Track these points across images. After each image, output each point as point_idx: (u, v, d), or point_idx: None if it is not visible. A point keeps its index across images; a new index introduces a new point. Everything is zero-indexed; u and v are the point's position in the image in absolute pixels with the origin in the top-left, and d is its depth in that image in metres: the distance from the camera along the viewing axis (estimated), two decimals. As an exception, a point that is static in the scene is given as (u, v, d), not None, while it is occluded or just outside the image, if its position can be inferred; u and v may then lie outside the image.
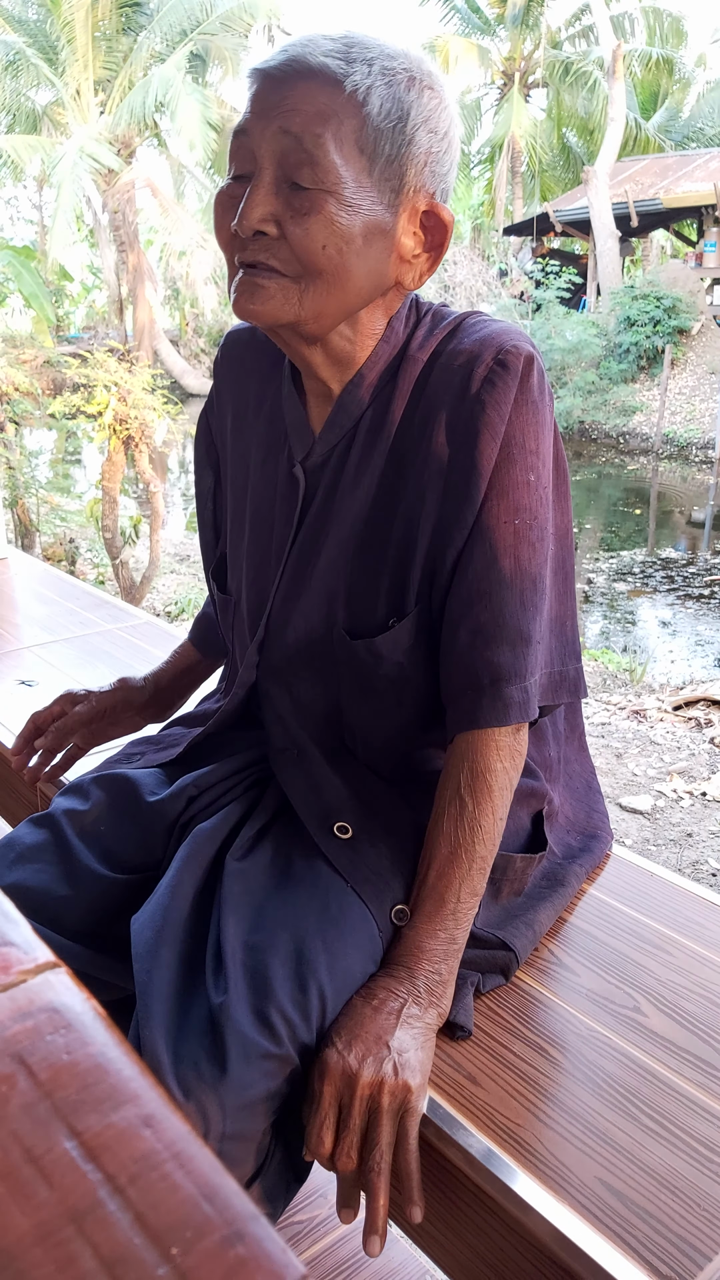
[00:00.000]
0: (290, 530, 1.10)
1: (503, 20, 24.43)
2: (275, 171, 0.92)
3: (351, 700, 1.10)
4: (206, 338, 22.92)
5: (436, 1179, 0.95)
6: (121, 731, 1.40)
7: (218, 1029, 0.88)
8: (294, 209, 0.92)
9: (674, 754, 4.11)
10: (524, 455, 0.99)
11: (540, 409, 1.00)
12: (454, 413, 0.99)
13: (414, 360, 1.04)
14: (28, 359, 16.15)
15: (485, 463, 0.98)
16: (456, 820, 1.02)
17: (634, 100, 23.38)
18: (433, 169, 0.97)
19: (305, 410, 1.10)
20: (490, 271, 20.40)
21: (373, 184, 0.93)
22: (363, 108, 0.91)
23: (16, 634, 2.22)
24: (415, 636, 1.05)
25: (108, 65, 17.52)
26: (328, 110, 0.90)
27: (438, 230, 0.99)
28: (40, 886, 1.09)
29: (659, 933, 1.20)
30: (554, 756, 1.25)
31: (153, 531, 6.18)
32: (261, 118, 0.92)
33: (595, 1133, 0.92)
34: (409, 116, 0.93)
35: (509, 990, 1.10)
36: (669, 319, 15.77)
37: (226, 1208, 0.32)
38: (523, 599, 1.01)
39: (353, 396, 1.05)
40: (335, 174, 0.91)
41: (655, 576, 8.73)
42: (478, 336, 1.01)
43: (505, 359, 0.98)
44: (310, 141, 0.90)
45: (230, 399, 1.20)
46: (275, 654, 1.13)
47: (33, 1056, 0.38)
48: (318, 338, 1.00)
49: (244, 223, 0.92)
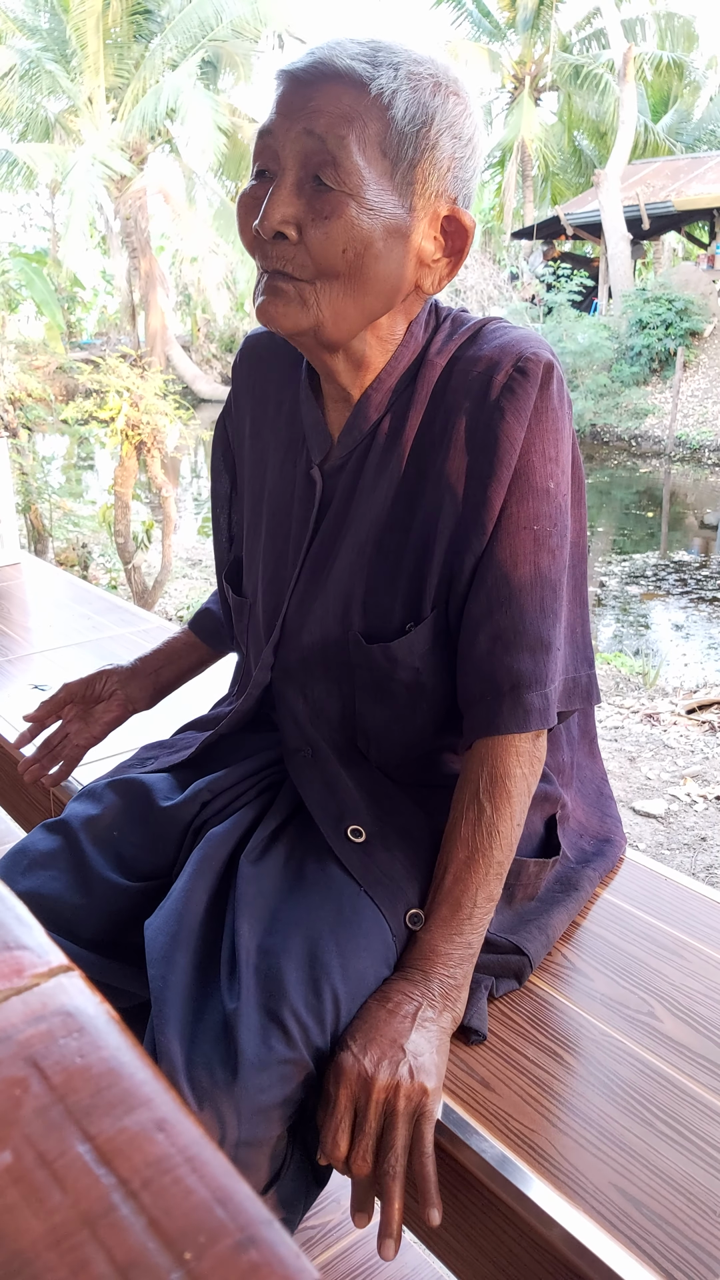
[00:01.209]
0: (307, 533, 1.10)
1: (513, 24, 24.44)
2: (298, 172, 0.93)
3: (366, 704, 1.10)
4: (218, 343, 22.98)
5: (450, 1184, 0.95)
6: (113, 711, 1.39)
7: (232, 1033, 0.88)
8: (315, 211, 0.92)
9: (688, 758, 4.09)
10: (543, 463, 0.99)
11: (559, 416, 1.00)
12: (473, 419, 0.99)
13: (433, 365, 1.04)
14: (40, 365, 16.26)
15: (504, 469, 0.98)
16: (475, 825, 1.02)
17: (645, 103, 23.34)
18: (455, 174, 0.97)
19: (323, 413, 1.10)
20: (501, 275, 20.40)
21: (394, 187, 0.93)
22: (387, 111, 0.91)
23: (29, 638, 2.23)
24: (432, 641, 1.05)
25: (120, 72, 17.60)
26: (352, 112, 0.90)
27: (458, 235, 0.99)
28: (54, 894, 1.09)
29: (673, 937, 1.19)
30: (567, 761, 1.25)
31: (165, 536, 6.19)
32: (286, 118, 0.92)
33: (610, 1138, 0.92)
34: (433, 121, 0.94)
35: (522, 995, 1.10)
36: (681, 321, 15.74)
37: (240, 1213, 0.32)
38: (542, 605, 1.01)
39: (372, 401, 1.05)
40: (357, 176, 0.91)
41: (668, 580, 8.70)
42: (498, 343, 1.01)
43: (525, 366, 0.98)
44: (334, 143, 0.90)
45: (249, 402, 1.21)
46: (290, 656, 1.13)
47: (46, 1060, 0.38)
48: (339, 343, 1.01)
49: (265, 223, 0.93)
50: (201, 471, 14.51)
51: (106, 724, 1.39)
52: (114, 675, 1.39)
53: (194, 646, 1.44)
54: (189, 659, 1.44)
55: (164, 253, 22.59)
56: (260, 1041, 0.88)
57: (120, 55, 17.51)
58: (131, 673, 1.40)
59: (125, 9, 17.06)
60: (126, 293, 20.36)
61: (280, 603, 1.13)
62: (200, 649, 1.44)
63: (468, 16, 24.92)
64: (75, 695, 1.38)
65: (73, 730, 1.37)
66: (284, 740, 1.19)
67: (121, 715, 1.39)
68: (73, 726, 1.38)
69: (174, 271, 21.37)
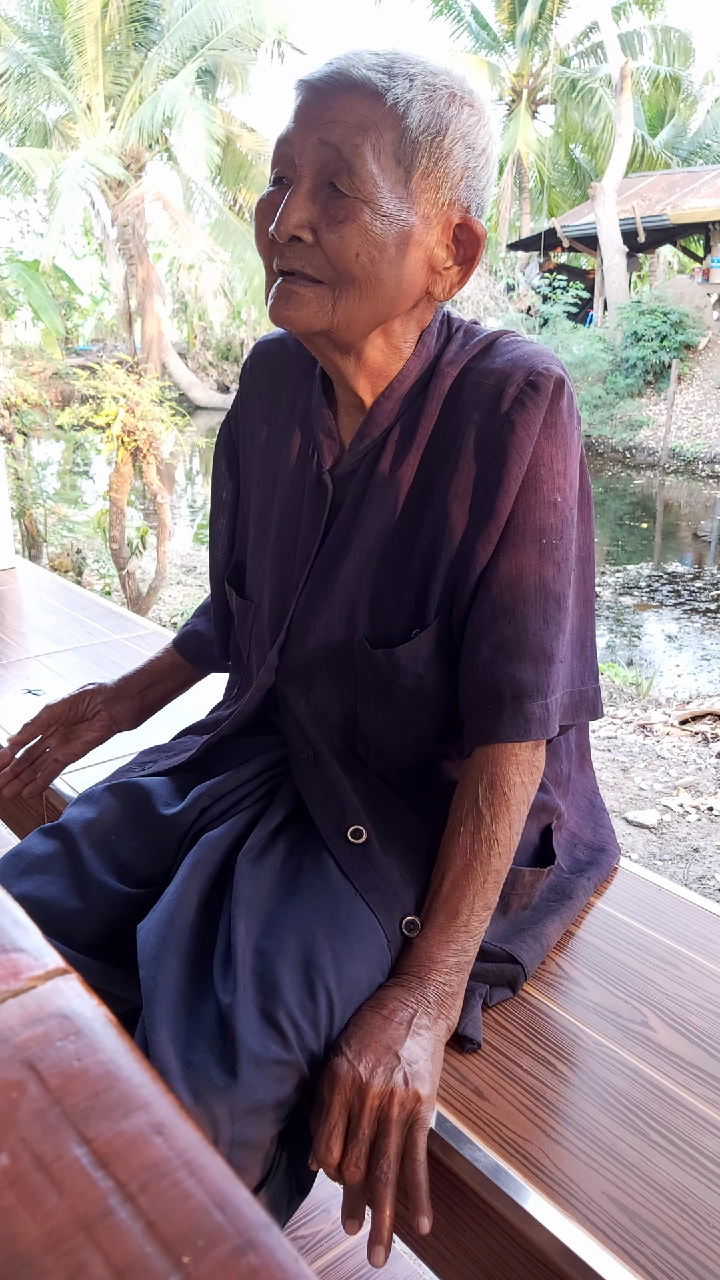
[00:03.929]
0: (317, 537, 1.11)
1: (512, 37, 24.58)
2: (314, 179, 0.95)
3: (368, 709, 1.10)
4: (214, 351, 23.01)
5: (443, 1193, 0.94)
6: (95, 731, 1.39)
7: (227, 1033, 0.88)
8: (330, 216, 0.94)
9: (680, 768, 4.10)
10: (551, 476, 1.00)
11: (568, 432, 1.01)
12: (483, 431, 1.01)
13: (444, 375, 1.05)
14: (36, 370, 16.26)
15: (512, 482, 0.99)
16: (473, 833, 1.02)
17: (641, 117, 23.48)
18: (469, 183, 0.99)
19: (335, 420, 1.11)
20: (498, 286, 20.48)
21: (408, 194, 0.95)
22: (402, 120, 0.93)
23: (23, 643, 2.22)
24: (435, 648, 1.06)
25: (118, 80, 17.65)
26: (367, 122, 0.93)
27: (470, 244, 1.01)
28: (50, 899, 1.08)
29: (667, 947, 1.19)
30: (564, 772, 1.25)
31: (160, 543, 6.19)
32: (304, 127, 0.95)
33: (603, 1148, 0.91)
34: (447, 131, 0.96)
35: (516, 1004, 1.10)
36: (675, 334, 15.80)
37: (239, 1216, 0.32)
38: (546, 617, 1.02)
39: (383, 409, 1.07)
40: (372, 183, 0.93)
41: (661, 590, 8.72)
42: (510, 357, 1.02)
43: (536, 381, 0.99)
44: (349, 151, 0.93)
45: (260, 407, 1.21)
46: (295, 658, 1.13)
47: (43, 1063, 0.38)
48: (351, 346, 1.02)
49: (281, 227, 0.95)
50: (197, 478, 14.51)
51: (87, 743, 1.40)
52: (98, 695, 1.40)
53: (179, 667, 1.44)
54: (174, 679, 1.45)
55: (161, 260, 22.63)
56: (256, 1041, 0.88)
57: (119, 63, 17.56)
58: (116, 692, 1.40)
59: (124, 17, 17.11)
60: (123, 299, 20.40)
61: (286, 605, 1.14)
62: (185, 669, 1.44)
63: (466, 29, 25.05)
64: (58, 717, 1.39)
65: (52, 745, 1.39)
66: (288, 742, 1.19)
67: (104, 735, 1.41)
68: (52, 742, 1.39)
69: (171, 279, 21.40)
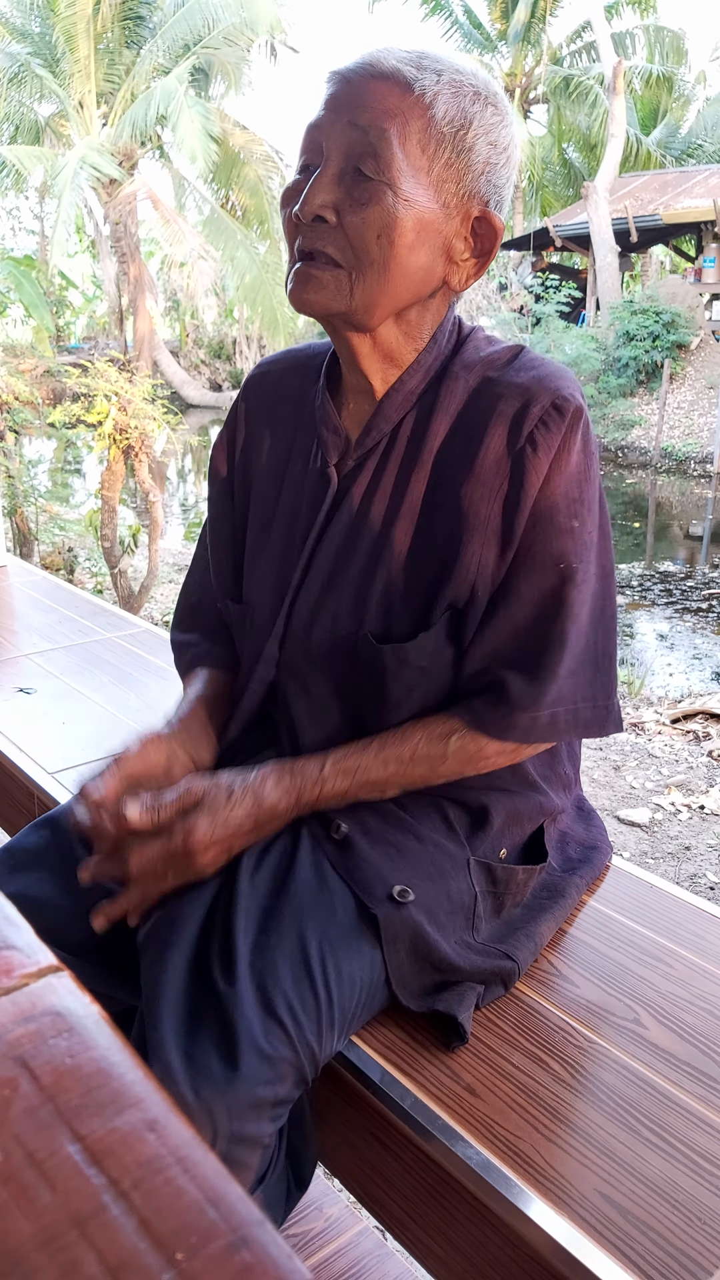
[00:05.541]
0: (315, 529, 1.11)
1: (505, 36, 24.54)
2: (340, 163, 0.97)
3: (367, 704, 1.11)
4: (206, 349, 22.99)
5: (434, 1190, 0.94)
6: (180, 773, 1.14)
7: (228, 1030, 0.89)
8: (354, 199, 0.96)
9: (672, 767, 4.10)
10: (568, 502, 1.01)
11: (587, 457, 1.03)
12: (504, 447, 1.01)
13: (456, 377, 1.06)
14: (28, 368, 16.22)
15: (528, 500, 1.00)
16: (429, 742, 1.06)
17: (634, 116, 23.48)
18: (489, 178, 1.01)
19: (341, 416, 1.12)
20: (490, 285, 20.47)
21: (431, 183, 0.97)
22: (428, 110, 0.96)
23: (15, 641, 2.22)
24: (437, 648, 1.07)
25: (110, 78, 17.58)
26: (395, 109, 0.95)
27: (488, 237, 1.03)
28: (40, 898, 1.08)
29: (658, 944, 1.19)
30: (569, 775, 1.25)
31: (151, 541, 6.17)
32: (333, 112, 0.97)
33: (595, 1144, 0.92)
34: (471, 125, 0.98)
35: (508, 1001, 1.10)
36: (668, 334, 15.83)
37: (232, 1213, 0.32)
38: (555, 638, 1.03)
39: (394, 401, 1.07)
40: (396, 168, 0.95)
41: (653, 590, 8.73)
42: (534, 374, 1.03)
43: (561, 405, 1.00)
44: (375, 135, 0.95)
45: (262, 428, 1.21)
46: (297, 652, 1.13)
47: (35, 1060, 0.38)
48: (368, 328, 1.03)
49: (305, 207, 0.97)
50: (189, 477, 14.49)
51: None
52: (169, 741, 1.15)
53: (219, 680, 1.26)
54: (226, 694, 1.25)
55: (153, 258, 22.59)
56: (259, 1036, 0.89)
57: (111, 61, 17.50)
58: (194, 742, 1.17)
59: (116, 15, 17.05)
60: (115, 297, 20.35)
61: (281, 599, 1.13)
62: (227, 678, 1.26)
63: (459, 28, 25.01)
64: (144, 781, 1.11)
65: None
66: (278, 742, 1.19)
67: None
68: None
69: (163, 277, 21.35)
